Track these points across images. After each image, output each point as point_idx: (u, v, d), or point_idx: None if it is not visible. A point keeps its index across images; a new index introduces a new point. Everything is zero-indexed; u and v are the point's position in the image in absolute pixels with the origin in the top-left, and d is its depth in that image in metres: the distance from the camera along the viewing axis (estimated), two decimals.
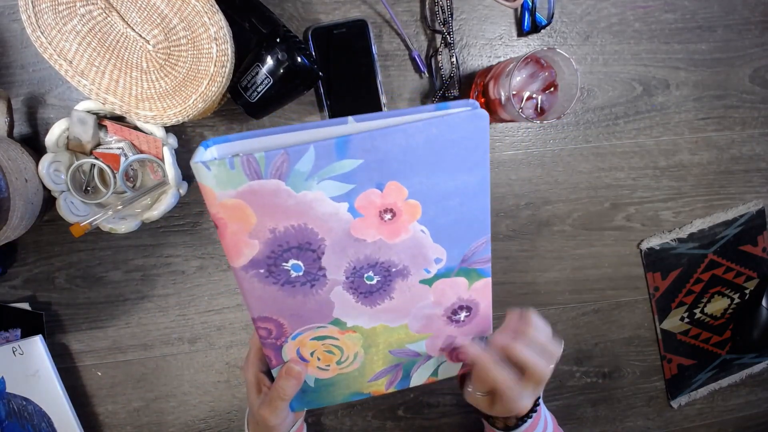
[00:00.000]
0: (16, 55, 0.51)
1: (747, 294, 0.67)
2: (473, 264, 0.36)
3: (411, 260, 0.34)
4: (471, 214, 0.33)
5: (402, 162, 0.30)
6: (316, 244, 0.32)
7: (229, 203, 0.29)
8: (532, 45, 0.58)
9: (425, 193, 0.31)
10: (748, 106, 0.63)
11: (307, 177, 0.29)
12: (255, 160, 0.28)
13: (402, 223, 0.32)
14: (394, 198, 0.31)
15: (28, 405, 0.52)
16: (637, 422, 0.68)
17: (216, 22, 0.43)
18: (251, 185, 0.29)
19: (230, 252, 0.31)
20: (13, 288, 0.54)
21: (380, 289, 0.35)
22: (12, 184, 0.43)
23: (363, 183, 0.30)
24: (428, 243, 0.33)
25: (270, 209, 0.30)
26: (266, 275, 0.32)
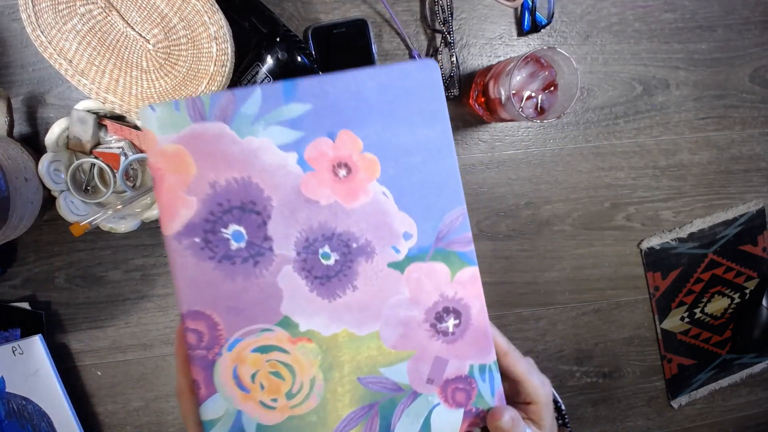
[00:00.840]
0: (16, 54, 0.51)
1: (747, 294, 0.67)
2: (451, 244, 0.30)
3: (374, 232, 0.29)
4: (438, 176, 0.29)
5: (354, 109, 0.28)
6: (261, 205, 0.28)
7: (169, 150, 0.27)
8: (532, 44, 0.58)
9: (382, 146, 0.29)
10: (748, 106, 0.63)
11: (253, 121, 0.28)
12: (200, 101, 0.27)
13: (359, 182, 0.29)
14: (348, 150, 0.28)
15: (27, 405, 0.52)
16: (638, 422, 0.68)
17: (216, 21, 0.43)
18: (194, 128, 0.27)
19: (165, 212, 0.27)
20: (13, 288, 0.54)
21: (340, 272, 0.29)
22: (12, 184, 0.43)
23: (313, 130, 0.28)
24: (392, 210, 0.29)
25: (212, 157, 0.27)
26: (202, 246, 0.28)
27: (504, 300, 0.62)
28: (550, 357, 0.64)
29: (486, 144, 0.59)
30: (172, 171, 0.27)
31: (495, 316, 0.62)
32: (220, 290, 0.28)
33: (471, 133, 0.58)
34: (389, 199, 0.29)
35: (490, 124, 0.58)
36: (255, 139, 0.28)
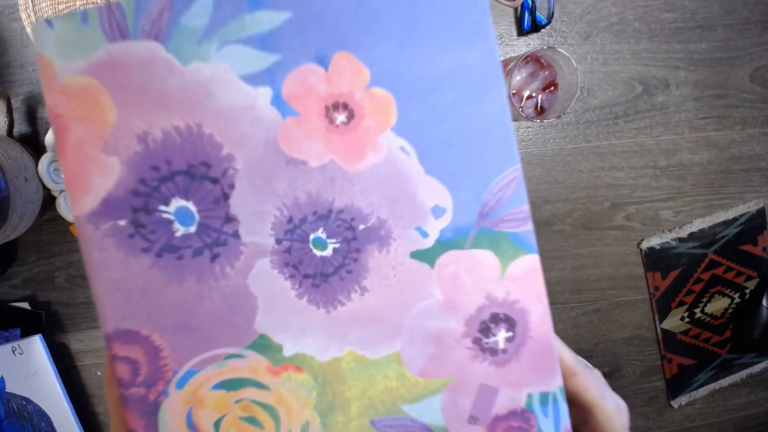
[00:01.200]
0: (15, 54, 0.51)
1: (747, 294, 0.67)
2: (501, 223, 0.20)
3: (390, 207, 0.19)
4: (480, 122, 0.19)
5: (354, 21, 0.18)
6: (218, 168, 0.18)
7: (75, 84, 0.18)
8: (532, 44, 0.58)
9: (398, 78, 0.19)
10: (748, 106, 0.63)
11: (201, 38, 0.18)
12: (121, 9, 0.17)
13: (366, 130, 0.19)
14: (348, 83, 0.19)
15: (27, 404, 0.52)
16: (638, 422, 0.68)
17: None
18: (111, 51, 0.18)
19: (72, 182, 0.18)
20: (13, 287, 0.54)
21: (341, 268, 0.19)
22: (12, 183, 0.43)
23: (294, 53, 0.18)
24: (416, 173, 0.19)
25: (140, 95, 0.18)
26: (131, 233, 0.18)
27: None
28: None
29: None
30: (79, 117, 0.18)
31: None
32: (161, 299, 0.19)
33: None
34: (411, 156, 0.19)
35: None
36: (204, 65, 0.18)
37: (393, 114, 0.19)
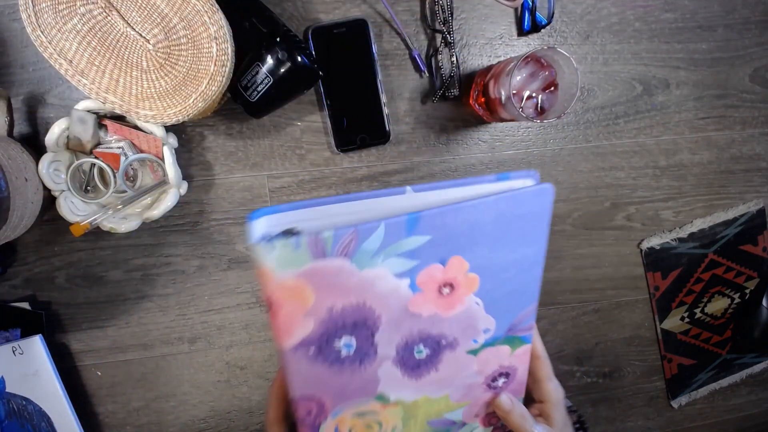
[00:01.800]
0: (16, 54, 0.51)
1: (747, 294, 0.67)
2: (518, 332, 0.35)
3: (461, 332, 0.33)
4: (524, 284, 0.33)
5: (469, 237, 0.29)
6: (371, 321, 0.30)
7: (288, 284, 0.27)
8: (533, 44, 0.58)
9: (486, 266, 0.31)
10: (748, 106, 0.63)
11: (373, 255, 0.28)
12: (323, 240, 0.26)
13: (459, 296, 0.31)
14: (455, 272, 0.30)
15: (27, 405, 0.52)
16: (638, 422, 0.68)
17: (216, 21, 0.43)
18: (315, 265, 0.27)
19: (281, 332, 0.29)
20: (13, 288, 0.54)
21: (428, 362, 0.34)
22: (12, 184, 0.43)
23: (427, 259, 0.29)
24: (481, 315, 0.33)
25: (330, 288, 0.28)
26: (315, 355, 0.30)
27: None
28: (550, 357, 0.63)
29: (486, 144, 0.59)
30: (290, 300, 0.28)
31: None
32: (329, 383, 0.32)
33: (471, 133, 0.58)
34: (480, 307, 0.32)
35: (490, 124, 0.58)
36: (372, 270, 0.28)
37: (477, 286, 0.31)
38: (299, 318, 0.28)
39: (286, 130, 0.56)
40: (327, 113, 0.54)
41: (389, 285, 0.29)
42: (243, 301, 0.57)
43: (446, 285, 0.31)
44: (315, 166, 0.56)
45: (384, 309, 0.30)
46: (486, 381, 0.37)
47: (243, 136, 0.55)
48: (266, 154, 0.56)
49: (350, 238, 0.27)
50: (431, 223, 0.28)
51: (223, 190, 0.55)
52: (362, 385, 0.33)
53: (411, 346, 0.33)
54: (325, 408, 0.33)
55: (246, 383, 0.59)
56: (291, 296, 0.27)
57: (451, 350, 0.34)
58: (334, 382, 0.32)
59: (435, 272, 0.30)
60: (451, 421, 0.38)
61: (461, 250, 0.30)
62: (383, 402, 0.34)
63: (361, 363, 0.32)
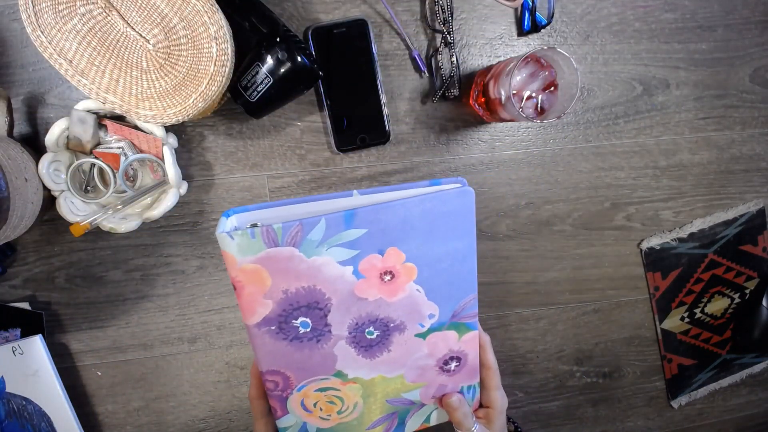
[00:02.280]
0: (16, 54, 0.51)
1: (747, 294, 0.67)
2: (462, 318, 0.39)
3: (407, 316, 0.37)
4: (460, 274, 0.37)
5: (401, 231, 0.34)
6: (323, 303, 0.35)
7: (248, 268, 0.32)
8: (532, 44, 0.58)
9: (420, 257, 0.35)
10: (748, 106, 0.63)
11: (317, 245, 0.33)
12: (273, 230, 0.31)
13: (400, 283, 0.36)
14: (393, 262, 0.35)
15: (27, 405, 0.52)
16: (638, 422, 0.68)
17: (216, 21, 0.43)
18: (268, 252, 0.32)
19: (245, 311, 0.34)
20: (13, 288, 0.54)
21: (379, 342, 0.38)
22: (12, 184, 0.43)
23: (366, 249, 0.34)
24: (423, 301, 0.37)
25: (284, 273, 0.33)
26: (277, 332, 0.35)
27: (504, 300, 0.62)
28: (550, 357, 0.64)
29: (486, 144, 0.59)
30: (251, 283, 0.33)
31: (495, 316, 0.62)
32: (291, 358, 0.37)
33: (471, 133, 0.58)
34: (421, 293, 0.37)
35: (490, 124, 0.58)
36: (319, 258, 0.33)
37: (415, 274, 0.36)
38: (259, 299, 0.33)
39: (286, 130, 0.56)
40: (327, 113, 0.54)
41: (335, 271, 0.34)
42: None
43: (386, 273, 0.35)
44: (315, 166, 0.56)
45: (333, 293, 0.35)
46: (438, 364, 0.40)
47: (243, 136, 0.55)
48: (266, 154, 0.56)
49: (296, 230, 0.32)
50: (366, 218, 0.33)
51: (223, 190, 0.55)
52: (321, 361, 0.37)
53: (362, 328, 0.37)
54: (290, 382, 0.38)
55: (246, 383, 0.59)
56: (251, 280, 0.33)
57: (400, 333, 0.38)
58: (295, 358, 0.36)
59: (375, 261, 0.34)
60: (410, 401, 0.42)
61: (396, 242, 0.34)
62: (342, 379, 0.39)
63: (318, 341, 0.36)
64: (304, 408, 0.40)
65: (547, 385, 0.65)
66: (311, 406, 0.40)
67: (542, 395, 0.65)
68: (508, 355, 0.63)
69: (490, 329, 0.62)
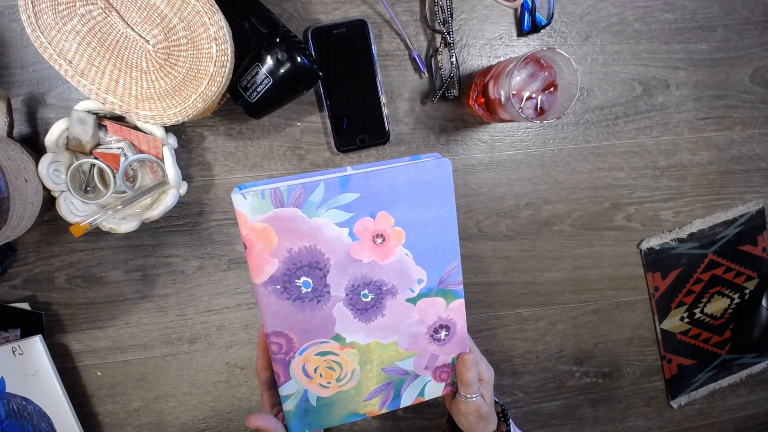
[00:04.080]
0: (15, 55, 0.51)
1: (747, 294, 0.67)
2: (448, 285, 0.43)
3: (398, 280, 0.41)
4: (444, 240, 0.41)
5: (389, 196, 0.39)
6: (322, 263, 0.39)
7: (257, 227, 0.37)
8: (532, 45, 0.58)
9: (408, 222, 0.40)
10: (748, 106, 0.63)
11: (317, 206, 0.37)
12: (280, 192, 0.36)
13: (390, 246, 0.40)
14: (383, 225, 0.39)
15: (27, 405, 0.52)
16: (637, 422, 0.68)
17: (216, 22, 0.43)
18: (275, 212, 0.37)
19: (254, 269, 0.38)
20: (13, 288, 0.54)
21: (374, 306, 0.42)
22: (12, 184, 0.43)
23: (360, 212, 0.39)
24: (411, 264, 0.41)
25: (288, 232, 0.37)
26: (281, 291, 0.39)
27: (504, 300, 0.62)
28: (550, 357, 0.64)
29: (486, 144, 0.59)
30: (259, 241, 0.37)
31: (495, 316, 0.62)
32: (294, 319, 0.40)
33: (471, 134, 0.58)
34: (410, 257, 0.41)
35: (490, 124, 0.58)
36: (319, 219, 0.38)
37: (404, 238, 0.40)
38: (267, 257, 0.38)
39: (286, 130, 0.56)
40: (327, 113, 0.54)
41: (333, 232, 0.38)
42: (243, 302, 0.58)
43: (378, 236, 0.39)
44: (315, 166, 0.56)
45: (331, 253, 0.39)
46: (429, 332, 0.44)
47: (243, 136, 0.55)
48: (266, 155, 0.56)
49: (299, 191, 0.37)
50: (358, 183, 0.38)
51: (223, 191, 0.56)
52: (321, 323, 0.41)
53: (357, 290, 0.41)
54: (293, 344, 0.41)
55: (246, 383, 0.59)
56: (260, 238, 0.37)
57: (392, 297, 0.42)
58: (298, 319, 0.40)
59: (367, 224, 0.39)
60: (404, 371, 0.45)
61: (386, 207, 0.39)
62: (340, 343, 0.42)
63: (318, 301, 0.40)
64: (305, 374, 0.43)
65: (546, 385, 0.65)
66: (312, 372, 0.43)
67: (542, 395, 0.65)
68: (508, 355, 0.64)
69: (491, 329, 0.63)
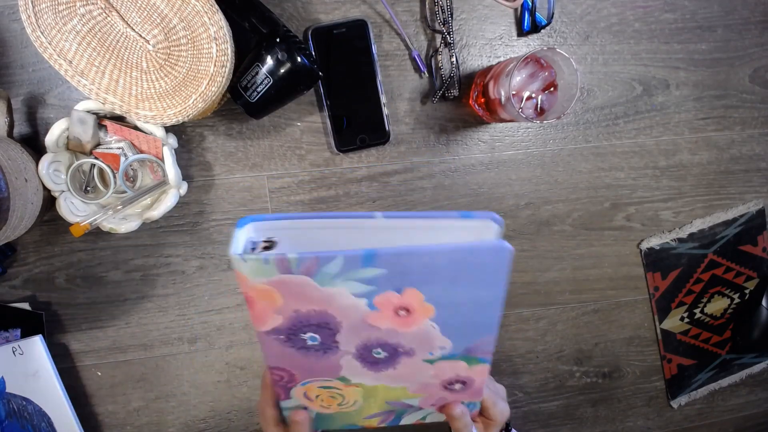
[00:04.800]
0: (15, 55, 0.51)
1: (747, 294, 0.67)
2: (475, 353, 0.37)
3: (418, 345, 0.36)
4: (482, 317, 0.35)
5: (423, 275, 0.31)
6: (333, 325, 0.34)
7: (260, 287, 0.31)
8: (532, 45, 0.58)
9: (441, 299, 0.33)
10: (748, 106, 0.63)
11: (332, 277, 0.31)
12: (287, 260, 0.30)
13: (415, 318, 0.34)
14: (410, 300, 0.33)
15: (28, 405, 0.52)
16: (637, 422, 0.68)
17: (216, 21, 0.43)
18: (281, 277, 0.31)
19: (256, 320, 0.34)
20: (13, 288, 0.54)
21: (386, 361, 0.37)
22: (12, 184, 0.43)
23: (383, 286, 0.32)
24: (437, 335, 0.35)
25: (296, 296, 0.32)
26: (285, 341, 0.35)
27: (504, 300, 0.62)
28: (550, 357, 0.64)
29: (486, 144, 0.59)
30: (262, 299, 0.32)
31: None
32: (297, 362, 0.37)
33: (471, 134, 0.58)
34: (436, 329, 0.35)
35: (490, 124, 0.58)
36: (333, 288, 0.32)
37: (433, 313, 0.34)
38: (270, 313, 0.33)
39: (286, 130, 0.56)
40: (327, 113, 0.54)
41: (348, 301, 0.32)
42: (243, 302, 0.57)
43: (402, 309, 0.33)
44: (315, 166, 0.57)
45: (344, 317, 0.34)
46: (443, 384, 0.40)
47: (243, 136, 0.55)
48: (266, 155, 0.56)
49: (312, 262, 0.30)
50: (386, 260, 0.30)
51: (223, 191, 0.56)
52: (326, 368, 0.38)
53: (370, 348, 0.36)
54: (294, 378, 0.39)
55: (246, 383, 0.59)
56: (263, 297, 0.32)
57: (408, 357, 0.37)
58: (301, 362, 0.37)
59: (391, 297, 0.32)
60: (409, 405, 0.42)
61: (416, 285, 0.32)
62: (345, 383, 0.39)
63: (325, 353, 0.36)
64: (307, 398, 0.41)
65: (546, 385, 0.65)
66: (313, 398, 0.41)
67: (542, 395, 0.65)
68: (508, 355, 0.64)
69: None
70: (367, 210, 0.58)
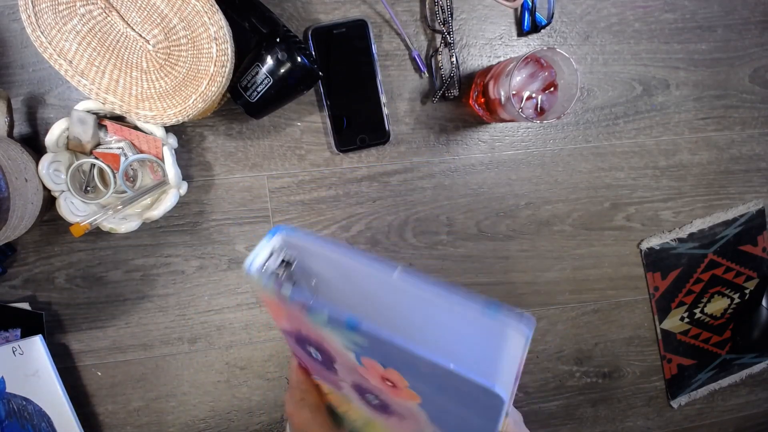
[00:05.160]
0: (15, 54, 0.51)
1: (747, 294, 0.67)
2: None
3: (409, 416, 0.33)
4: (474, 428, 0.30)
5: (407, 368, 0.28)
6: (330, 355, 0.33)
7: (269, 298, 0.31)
8: (532, 45, 0.58)
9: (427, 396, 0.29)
10: (748, 106, 0.63)
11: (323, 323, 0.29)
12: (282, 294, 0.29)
13: (402, 395, 0.31)
14: (394, 378, 0.29)
15: (28, 405, 0.52)
16: (637, 422, 0.68)
17: (216, 21, 0.43)
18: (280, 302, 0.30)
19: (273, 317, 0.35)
20: (13, 288, 0.54)
21: (380, 409, 0.36)
22: (12, 184, 0.43)
23: (368, 353, 0.29)
24: (425, 421, 0.32)
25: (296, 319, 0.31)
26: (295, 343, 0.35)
27: (504, 300, 0.62)
28: (550, 357, 0.64)
29: (486, 144, 0.59)
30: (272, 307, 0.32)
31: None
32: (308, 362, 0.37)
33: (471, 134, 0.58)
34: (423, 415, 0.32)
35: (490, 124, 0.58)
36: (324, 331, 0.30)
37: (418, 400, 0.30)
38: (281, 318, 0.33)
39: (286, 130, 0.56)
40: (327, 113, 0.54)
41: (340, 347, 0.30)
42: (243, 302, 0.57)
43: (387, 380, 0.30)
44: (315, 166, 0.57)
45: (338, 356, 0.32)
46: None
47: (243, 136, 0.55)
48: (266, 155, 0.56)
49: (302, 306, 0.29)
50: (368, 335, 0.27)
51: (223, 191, 0.56)
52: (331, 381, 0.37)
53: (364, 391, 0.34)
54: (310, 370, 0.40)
55: (246, 383, 0.59)
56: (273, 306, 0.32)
57: (400, 419, 0.35)
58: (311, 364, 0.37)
59: (376, 366, 0.29)
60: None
61: (400, 370, 0.28)
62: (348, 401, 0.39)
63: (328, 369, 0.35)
64: None
65: (546, 385, 0.65)
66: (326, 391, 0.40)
67: (542, 395, 0.65)
68: None
69: None
70: (367, 210, 0.58)
